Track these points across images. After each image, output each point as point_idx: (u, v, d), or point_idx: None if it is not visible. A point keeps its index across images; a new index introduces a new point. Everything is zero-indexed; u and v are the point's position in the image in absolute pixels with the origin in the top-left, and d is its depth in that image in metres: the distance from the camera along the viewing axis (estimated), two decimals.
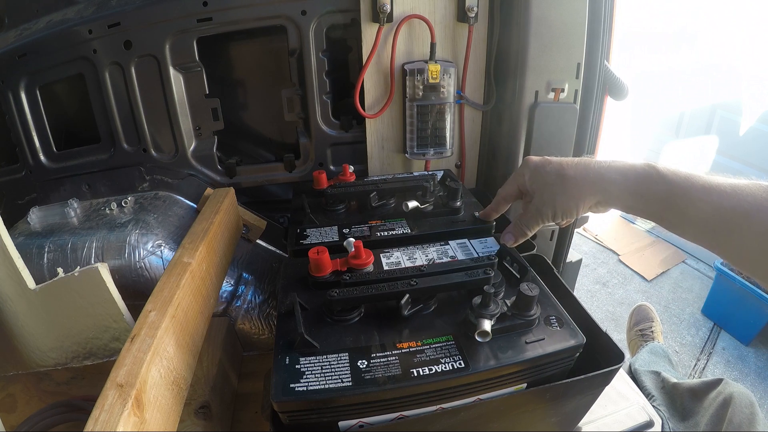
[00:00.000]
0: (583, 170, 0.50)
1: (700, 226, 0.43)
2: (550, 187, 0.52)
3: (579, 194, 0.50)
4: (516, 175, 0.57)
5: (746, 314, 1.73)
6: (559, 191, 0.51)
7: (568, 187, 0.50)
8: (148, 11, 0.73)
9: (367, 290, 0.48)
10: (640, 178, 0.46)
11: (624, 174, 0.47)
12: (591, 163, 0.50)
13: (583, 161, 0.51)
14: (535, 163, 0.54)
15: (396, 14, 0.75)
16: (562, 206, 0.52)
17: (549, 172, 0.52)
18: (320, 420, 0.42)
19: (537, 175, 0.54)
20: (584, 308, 0.53)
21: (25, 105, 0.81)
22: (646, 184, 0.46)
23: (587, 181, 0.49)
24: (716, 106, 2.24)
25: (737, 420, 0.84)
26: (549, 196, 0.52)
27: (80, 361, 0.61)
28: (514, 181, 0.58)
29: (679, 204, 0.44)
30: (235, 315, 0.84)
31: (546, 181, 0.52)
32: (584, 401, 0.53)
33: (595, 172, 0.49)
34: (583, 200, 0.50)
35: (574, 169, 0.50)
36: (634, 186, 0.47)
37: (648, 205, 0.46)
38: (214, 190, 0.80)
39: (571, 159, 0.52)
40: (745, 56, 2.17)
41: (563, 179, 0.51)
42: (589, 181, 0.49)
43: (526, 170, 0.55)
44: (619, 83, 0.80)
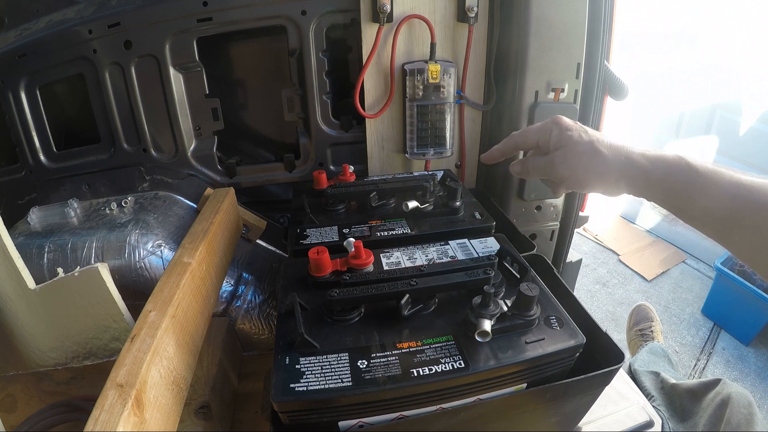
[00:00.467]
0: (615, 152, 0.48)
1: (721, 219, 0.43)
2: (576, 155, 0.50)
3: (604, 174, 0.49)
4: (541, 128, 0.54)
5: (746, 314, 1.73)
6: (584, 163, 0.49)
7: (597, 162, 0.49)
8: (148, 11, 0.73)
9: (367, 290, 0.48)
10: (670, 169, 0.45)
11: (654, 163, 0.46)
12: (623, 147, 0.49)
13: (615, 143, 0.49)
14: (567, 126, 0.52)
15: (396, 14, 0.75)
16: (582, 178, 0.50)
17: (582, 140, 0.50)
18: (320, 420, 0.42)
19: (567, 138, 0.51)
20: (584, 308, 0.53)
21: (25, 105, 0.81)
22: (674, 176, 0.45)
23: (617, 163, 0.48)
24: (716, 106, 2.24)
25: (735, 420, 0.84)
26: (573, 163, 0.50)
27: (80, 361, 0.61)
28: (537, 133, 0.54)
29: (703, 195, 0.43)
30: (235, 315, 0.84)
31: (576, 148, 0.50)
32: (584, 401, 0.53)
33: (626, 156, 0.48)
34: (606, 181, 0.49)
35: (608, 148, 0.49)
36: (663, 177, 0.46)
37: (672, 196, 0.46)
38: (214, 190, 0.80)
39: (604, 136, 0.50)
40: (745, 56, 2.17)
41: (595, 153, 0.49)
42: (618, 164, 0.48)
43: (555, 128, 0.52)
44: (619, 83, 0.80)
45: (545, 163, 0.53)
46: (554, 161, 0.52)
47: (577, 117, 0.78)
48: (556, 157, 0.52)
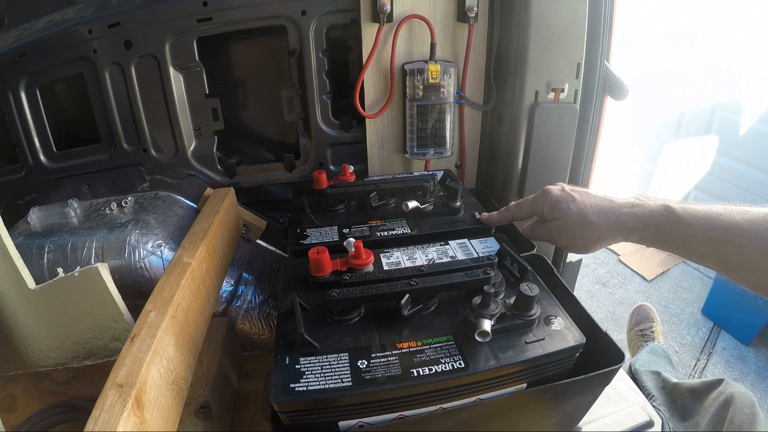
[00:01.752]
0: (604, 217, 0.51)
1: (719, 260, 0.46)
2: (570, 227, 0.54)
3: (598, 239, 0.53)
4: (534, 202, 0.58)
5: (746, 314, 1.73)
6: (579, 233, 0.54)
7: (589, 231, 0.53)
8: (148, 11, 0.73)
9: (367, 290, 0.48)
10: (660, 224, 0.48)
11: (644, 221, 0.49)
12: (612, 209, 0.51)
13: (604, 206, 0.52)
14: (557, 198, 0.55)
15: (396, 14, 0.75)
16: (579, 246, 0.55)
17: (571, 212, 0.53)
18: (320, 420, 0.42)
19: (557, 212, 0.55)
20: (584, 308, 0.53)
21: (25, 105, 0.81)
22: (664, 230, 0.48)
23: (608, 228, 0.51)
24: (716, 106, 2.24)
25: (738, 420, 0.84)
26: (568, 235, 0.55)
27: (80, 361, 0.61)
28: (531, 207, 0.59)
29: (696, 244, 0.46)
30: (235, 315, 0.84)
31: (567, 221, 0.54)
32: (584, 401, 0.53)
33: (616, 219, 0.51)
34: (601, 244, 0.53)
35: (596, 215, 0.52)
36: (654, 231, 0.49)
37: (667, 245, 0.49)
38: (214, 190, 0.80)
39: (593, 201, 0.53)
40: (745, 56, 2.17)
41: (585, 223, 0.52)
42: (609, 229, 0.51)
43: (545, 202, 0.56)
44: (619, 83, 0.80)
45: (546, 231, 0.58)
46: (552, 232, 0.57)
47: (577, 117, 0.78)
48: (553, 228, 0.57)
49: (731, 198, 2.12)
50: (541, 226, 0.59)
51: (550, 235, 0.58)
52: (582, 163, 0.83)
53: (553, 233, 0.57)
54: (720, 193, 2.20)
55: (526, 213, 0.60)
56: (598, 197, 0.53)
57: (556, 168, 0.80)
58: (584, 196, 0.54)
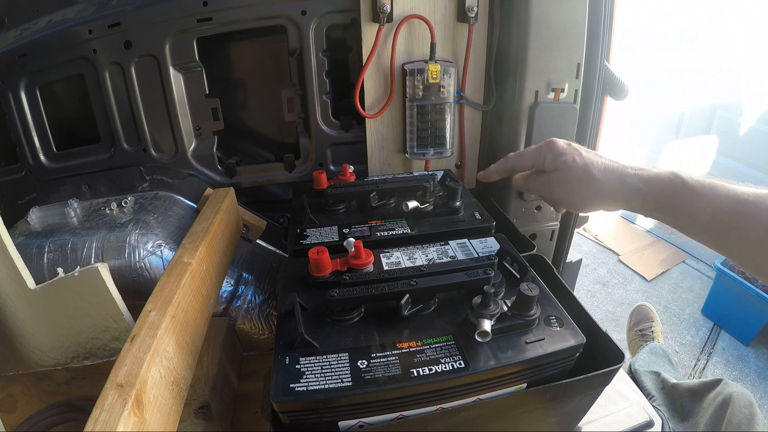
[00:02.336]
0: (610, 175, 0.50)
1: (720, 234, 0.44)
2: (571, 181, 0.52)
3: (599, 197, 0.50)
4: (536, 152, 0.55)
5: (746, 314, 1.73)
6: (581, 188, 0.51)
7: (591, 187, 0.50)
8: (148, 11, 0.73)
9: (367, 290, 0.48)
10: (665, 188, 0.46)
11: (648, 183, 0.48)
12: (617, 169, 0.50)
13: (609, 165, 0.50)
14: (562, 149, 0.53)
15: (396, 14, 0.75)
16: (576, 201, 0.52)
17: (576, 165, 0.51)
18: (320, 420, 0.42)
19: (561, 162, 0.52)
20: (584, 308, 0.53)
21: (25, 105, 0.81)
22: (669, 195, 0.46)
23: (610, 187, 0.49)
24: (716, 106, 2.24)
25: (736, 420, 0.84)
26: (568, 188, 0.52)
27: (80, 361, 0.61)
28: (532, 157, 0.56)
29: (700, 212, 0.44)
30: (235, 315, 0.84)
31: (570, 173, 0.52)
32: (584, 401, 0.53)
33: (620, 178, 0.49)
34: (602, 203, 0.51)
35: (601, 172, 0.50)
36: (658, 197, 0.47)
37: (669, 214, 0.47)
38: (214, 190, 0.80)
39: (598, 157, 0.51)
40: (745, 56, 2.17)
41: (589, 179, 0.50)
42: (612, 189, 0.49)
43: (549, 152, 0.54)
44: (619, 83, 0.80)
45: (543, 183, 0.56)
46: (551, 183, 0.54)
47: (577, 117, 0.78)
48: (552, 179, 0.54)
49: None
50: (539, 176, 0.56)
51: (548, 186, 0.55)
52: None
53: (552, 184, 0.54)
54: None
55: (526, 163, 0.57)
56: (605, 157, 0.52)
57: None
58: (590, 153, 0.52)
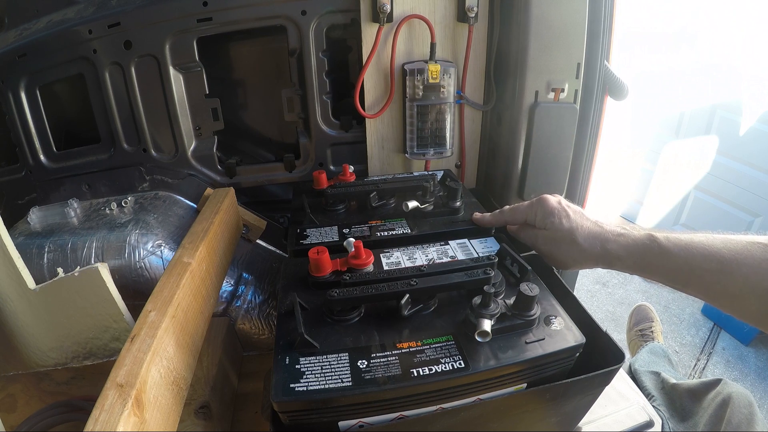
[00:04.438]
0: (592, 241, 0.54)
1: (701, 289, 0.48)
2: (556, 241, 0.56)
3: (581, 260, 0.55)
4: (529, 208, 0.60)
5: None
6: (563, 250, 0.56)
7: (574, 251, 0.55)
8: (148, 11, 0.73)
9: (367, 290, 0.48)
10: (643, 254, 0.50)
11: (627, 250, 0.51)
12: (600, 235, 0.53)
13: (593, 231, 0.54)
14: (552, 209, 0.57)
15: (396, 14, 0.75)
16: (559, 260, 0.57)
17: (562, 227, 0.55)
18: (320, 420, 0.42)
19: (549, 223, 0.57)
20: (584, 308, 0.53)
21: (25, 105, 0.81)
22: (647, 259, 0.50)
23: (592, 253, 0.53)
24: (716, 106, 2.24)
25: (736, 420, 0.84)
26: (552, 247, 0.57)
27: (80, 361, 0.61)
28: (525, 212, 0.60)
29: (677, 273, 0.48)
30: (235, 315, 0.84)
31: (555, 234, 0.56)
32: (584, 401, 0.53)
33: (602, 246, 0.53)
34: (583, 264, 0.56)
35: (585, 238, 0.54)
36: (637, 261, 0.51)
37: (649, 275, 0.51)
38: (214, 190, 0.80)
39: (584, 223, 0.55)
40: (745, 56, 2.17)
41: (573, 243, 0.54)
42: (593, 254, 0.53)
43: (539, 210, 0.58)
44: (619, 83, 0.80)
45: (532, 237, 0.60)
46: (538, 239, 0.59)
47: (577, 117, 0.78)
48: (539, 236, 0.58)
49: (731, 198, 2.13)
50: (529, 230, 0.60)
51: (535, 240, 0.59)
52: (582, 163, 0.83)
53: (539, 241, 0.59)
54: (720, 193, 2.20)
55: (519, 218, 0.61)
56: (590, 221, 0.55)
57: (556, 168, 0.80)
58: (578, 216, 0.56)
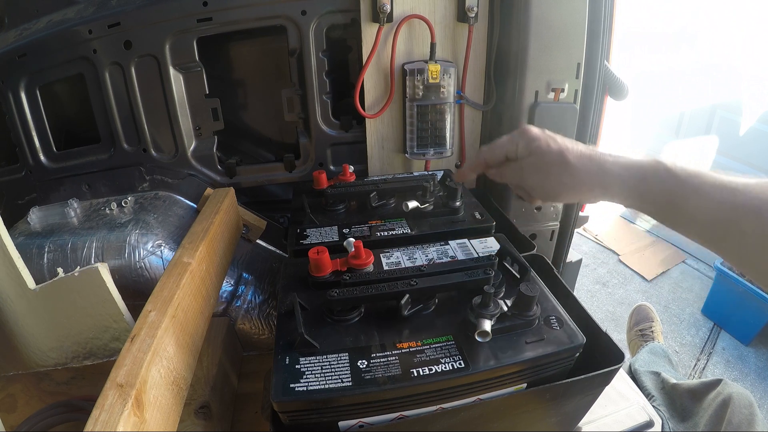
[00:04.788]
0: (587, 161, 0.47)
1: (708, 225, 0.41)
2: (545, 166, 0.49)
3: (575, 184, 0.47)
4: (508, 141, 0.52)
5: (746, 314, 1.73)
6: (555, 174, 0.48)
7: (566, 173, 0.47)
8: (148, 11, 0.73)
9: (367, 290, 0.48)
10: (646, 175, 0.43)
11: (629, 170, 0.44)
12: (595, 155, 0.47)
13: (587, 151, 0.47)
14: (534, 135, 0.50)
15: (396, 14, 0.75)
16: (549, 190, 0.49)
17: (550, 150, 0.48)
18: (320, 420, 0.42)
19: (534, 148, 0.49)
20: (584, 308, 0.53)
21: (25, 105, 0.81)
22: (651, 182, 0.43)
23: (589, 173, 0.46)
24: (716, 106, 2.24)
25: (736, 420, 0.84)
26: (541, 174, 0.49)
27: (80, 361, 0.61)
28: (505, 146, 0.52)
29: (686, 202, 0.41)
30: (235, 315, 0.84)
31: (543, 158, 0.49)
32: (584, 401, 0.53)
33: (598, 165, 0.46)
34: (578, 191, 0.48)
35: (577, 157, 0.47)
36: (639, 183, 0.44)
37: (651, 203, 0.44)
38: (214, 190, 0.80)
39: (574, 145, 0.48)
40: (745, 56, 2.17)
41: (563, 164, 0.47)
42: (590, 174, 0.46)
43: (521, 138, 0.51)
44: (619, 83, 0.80)
45: (516, 170, 0.52)
46: (523, 170, 0.51)
47: (577, 117, 0.78)
48: (525, 166, 0.51)
49: None
50: (512, 165, 0.53)
51: (520, 173, 0.51)
52: None
53: (525, 171, 0.51)
54: None
55: (499, 153, 0.53)
56: (581, 145, 0.48)
57: None
58: (566, 140, 0.49)
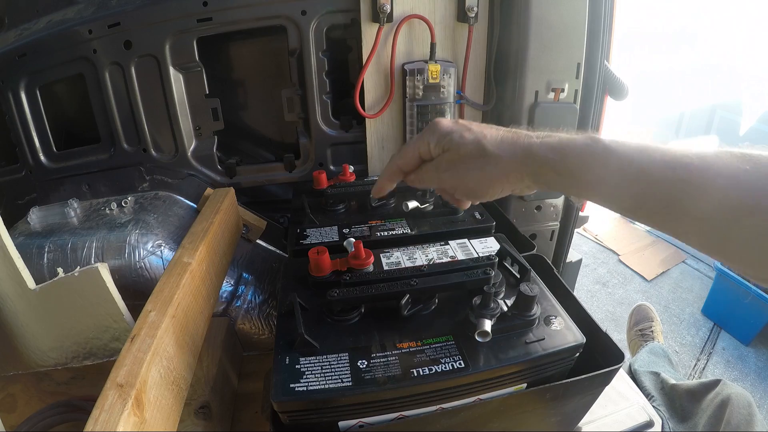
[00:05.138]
0: (509, 147, 0.40)
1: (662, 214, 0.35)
2: (462, 160, 0.42)
3: (499, 175, 0.41)
4: (419, 140, 0.46)
5: (746, 314, 1.73)
6: (474, 168, 0.42)
7: (487, 164, 0.41)
8: (148, 11, 0.73)
9: (367, 290, 0.48)
10: (582, 156, 0.37)
11: (561, 152, 0.38)
12: (519, 138, 0.41)
13: (508, 135, 0.41)
14: (447, 127, 0.44)
15: (396, 14, 0.75)
16: (475, 186, 0.43)
17: (465, 141, 0.42)
18: (320, 420, 0.42)
19: (449, 142, 0.43)
20: (584, 308, 0.53)
21: (25, 105, 0.81)
22: (586, 163, 0.37)
23: (512, 161, 0.40)
24: (716, 106, 2.24)
25: (735, 421, 0.84)
26: (460, 170, 0.43)
27: (80, 361, 0.61)
28: (415, 148, 0.46)
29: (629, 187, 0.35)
30: (235, 315, 0.84)
31: (458, 152, 0.42)
32: (584, 401, 0.53)
33: (523, 149, 0.40)
34: (504, 183, 0.42)
35: (497, 145, 0.41)
36: (573, 166, 0.37)
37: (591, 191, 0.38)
38: (214, 190, 0.80)
39: (494, 131, 0.42)
40: (745, 56, 2.17)
41: (484, 155, 0.41)
42: (514, 162, 0.40)
43: (431, 136, 0.44)
44: (619, 83, 0.80)
45: (433, 170, 0.45)
46: (439, 170, 0.45)
47: (577, 117, 0.78)
48: (440, 165, 0.44)
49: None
50: (428, 165, 0.46)
51: (437, 174, 0.45)
52: None
53: (441, 170, 0.44)
54: None
55: (411, 156, 0.47)
56: (502, 129, 0.42)
57: None
58: (483, 127, 0.43)
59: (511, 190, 0.43)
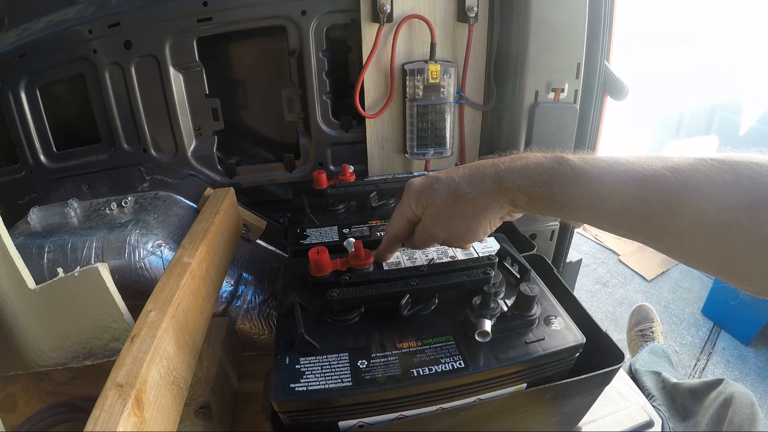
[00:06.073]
0: (478, 182, 0.42)
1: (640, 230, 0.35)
2: (443, 211, 0.44)
3: (479, 215, 0.43)
4: (401, 207, 0.49)
5: (746, 314, 1.73)
6: (455, 215, 0.44)
7: (466, 207, 0.43)
8: (148, 11, 0.73)
9: (367, 290, 0.48)
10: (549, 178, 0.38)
11: (528, 177, 0.39)
12: (485, 170, 0.42)
13: (476, 170, 0.43)
14: (420, 186, 0.46)
15: (396, 14, 0.75)
16: (462, 233, 0.45)
17: (438, 192, 0.44)
18: (320, 420, 0.42)
19: (425, 198, 0.45)
20: (584, 308, 0.53)
21: (25, 105, 0.81)
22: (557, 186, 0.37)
23: (486, 196, 0.42)
24: (716, 106, 2.24)
25: (738, 420, 0.84)
26: (444, 221, 0.45)
27: (80, 361, 0.61)
28: (401, 214, 0.49)
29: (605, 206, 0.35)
30: (235, 315, 0.84)
31: (436, 204, 0.45)
32: (584, 401, 0.53)
33: (493, 180, 0.41)
34: (486, 220, 0.43)
35: (467, 184, 0.42)
36: (543, 188, 0.38)
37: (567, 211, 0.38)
38: (214, 190, 0.80)
39: (461, 171, 0.44)
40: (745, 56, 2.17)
41: (457, 199, 0.43)
42: (488, 197, 0.42)
43: (409, 198, 0.47)
44: (619, 83, 0.80)
45: (423, 232, 0.48)
46: (427, 227, 0.47)
47: (577, 117, 0.78)
48: (427, 223, 0.47)
49: None
50: (418, 227, 0.49)
51: (428, 232, 0.47)
52: None
53: (428, 226, 0.47)
54: None
55: (401, 224, 0.49)
56: (467, 166, 0.44)
57: None
58: (451, 171, 0.45)
59: (500, 220, 0.45)
